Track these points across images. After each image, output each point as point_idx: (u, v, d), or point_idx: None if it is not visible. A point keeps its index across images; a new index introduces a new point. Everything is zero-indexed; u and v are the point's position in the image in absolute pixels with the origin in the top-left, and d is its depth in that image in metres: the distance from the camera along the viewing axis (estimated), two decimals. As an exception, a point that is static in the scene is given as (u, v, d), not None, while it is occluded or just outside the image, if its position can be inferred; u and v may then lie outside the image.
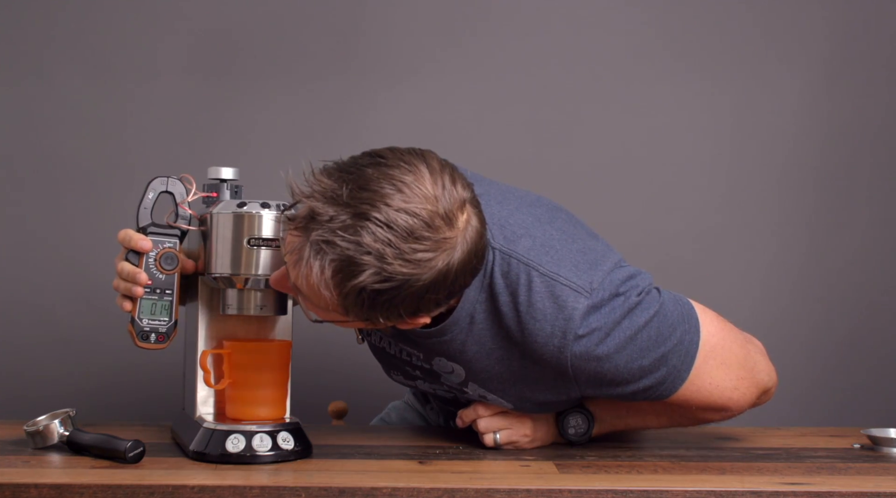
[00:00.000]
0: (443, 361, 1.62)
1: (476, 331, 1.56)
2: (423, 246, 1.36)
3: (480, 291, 1.54)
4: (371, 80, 2.47)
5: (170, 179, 1.62)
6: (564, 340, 1.50)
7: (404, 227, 1.35)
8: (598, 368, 1.53)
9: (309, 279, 1.39)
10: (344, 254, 1.35)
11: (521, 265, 1.52)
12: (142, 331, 1.60)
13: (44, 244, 2.46)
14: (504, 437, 1.68)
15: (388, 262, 1.35)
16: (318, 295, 1.40)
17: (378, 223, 1.35)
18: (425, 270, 1.37)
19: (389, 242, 1.35)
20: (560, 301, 1.50)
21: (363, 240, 1.35)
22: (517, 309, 1.52)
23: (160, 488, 1.38)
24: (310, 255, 1.37)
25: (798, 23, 2.49)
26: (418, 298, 1.40)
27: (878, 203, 2.51)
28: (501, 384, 1.61)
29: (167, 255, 1.60)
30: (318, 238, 1.36)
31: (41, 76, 2.46)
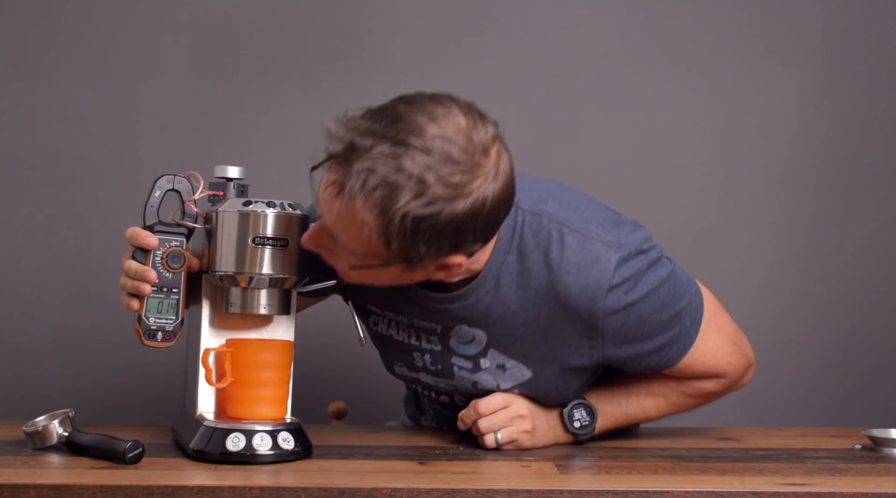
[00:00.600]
0: (463, 329, 1.64)
1: (502, 292, 1.59)
2: (461, 170, 1.41)
3: (508, 253, 1.58)
4: (376, 80, 2.47)
5: (176, 177, 1.62)
6: (599, 290, 1.56)
7: (443, 152, 1.40)
8: (625, 319, 1.59)
9: (351, 210, 1.42)
10: (386, 179, 1.40)
11: (552, 222, 1.58)
12: (148, 329, 1.60)
13: (45, 244, 2.46)
14: (505, 435, 1.67)
15: (430, 185, 1.40)
16: (359, 231, 1.43)
17: (417, 149, 1.40)
18: (464, 194, 1.42)
19: (429, 167, 1.40)
20: (593, 254, 1.57)
21: (404, 165, 1.39)
22: (550, 265, 1.57)
23: (159, 489, 1.38)
24: (353, 183, 1.41)
25: (797, 23, 2.49)
26: (458, 227, 1.43)
27: (878, 203, 2.51)
28: (524, 348, 1.64)
29: (174, 253, 1.60)
30: (360, 168, 1.40)
31: (44, 76, 2.46)
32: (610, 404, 1.74)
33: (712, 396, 1.76)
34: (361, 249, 1.46)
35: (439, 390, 1.79)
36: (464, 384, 1.71)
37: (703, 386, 1.74)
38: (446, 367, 1.71)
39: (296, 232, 1.57)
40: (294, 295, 1.64)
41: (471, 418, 1.69)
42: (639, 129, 2.50)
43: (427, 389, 1.82)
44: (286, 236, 1.56)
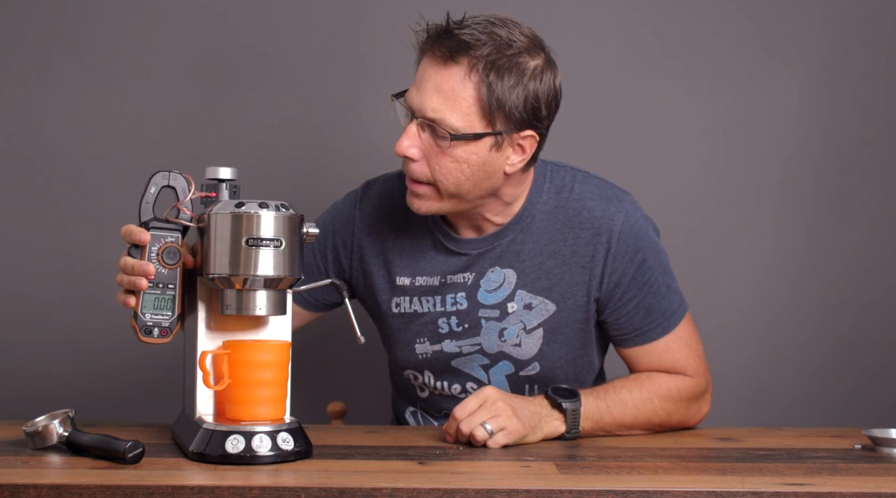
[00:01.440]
0: (495, 273, 1.84)
1: (534, 228, 1.83)
2: (537, 44, 1.75)
3: (541, 193, 1.84)
4: (372, 81, 2.47)
5: (171, 174, 1.62)
6: (618, 214, 1.82)
7: (522, 27, 1.75)
8: (633, 256, 1.82)
9: (458, 72, 1.69)
10: (487, 39, 1.70)
11: (575, 171, 1.88)
12: (145, 325, 1.60)
13: (43, 244, 2.46)
14: (494, 425, 1.68)
15: (518, 43, 1.71)
16: (462, 92, 1.69)
17: (503, 23, 1.72)
18: (542, 65, 1.74)
19: (519, 32, 1.73)
20: (613, 191, 1.86)
21: (497, 31, 1.71)
22: (575, 197, 1.84)
23: (159, 489, 1.38)
24: (458, 45, 1.69)
25: (797, 23, 2.49)
26: (537, 93, 1.72)
27: (877, 203, 2.51)
28: (549, 280, 1.83)
29: (169, 249, 1.60)
30: (462, 33, 1.70)
31: (42, 76, 2.46)
32: (590, 395, 1.79)
33: (679, 402, 1.85)
34: (462, 117, 1.70)
35: (453, 373, 1.87)
36: (490, 337, 1.85)
37: (672, 383, 1.84)
38: (473, 322, 1.85)
39: (290, 232, 1.57)
40: (290, 295, 1.64)
41: (452, 426, 1.71)
42: (638, 129, 2.50)
43: (440, 375, 1.88)
44: (280, 237, 1.56)
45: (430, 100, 1.71)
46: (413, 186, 1.77)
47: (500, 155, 1.74)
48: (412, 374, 1.93)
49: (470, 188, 1.76)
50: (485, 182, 1.76)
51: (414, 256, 1.88)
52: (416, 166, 1.74)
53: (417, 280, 1.87)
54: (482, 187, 1.76)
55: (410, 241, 1.89)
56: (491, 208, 1.82)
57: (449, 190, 1.75)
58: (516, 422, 1.70)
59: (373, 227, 1.91)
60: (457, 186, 1.75)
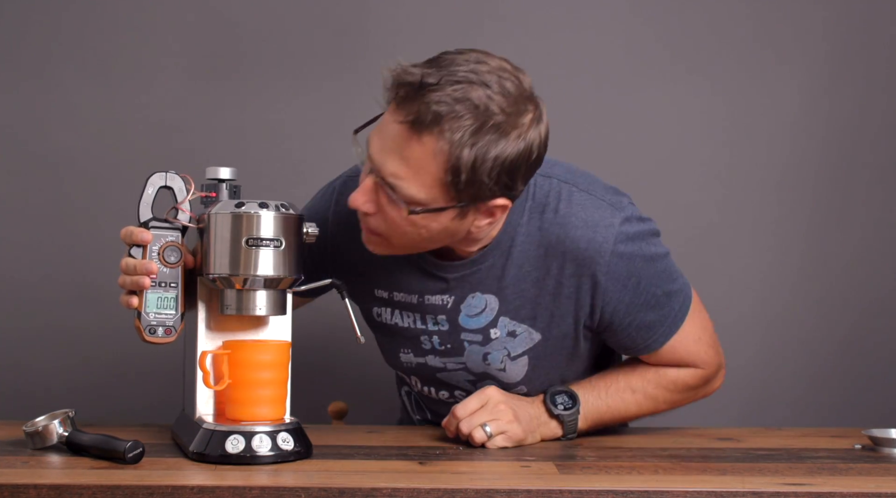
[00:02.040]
0: (476, 298, 1.72)
1: (515, 253, 1.68)
2: (516, 103, 1.53)
3: (522, 215, 1.68)
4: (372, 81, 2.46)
5: (169, 174, 1.62)
6: (605, 243, 1.66)
7: (500, 86, 1.52)
8: (626, 280, 1.68)
9: (421, 145, 1.51)
10: (456, 111, 1.50)
11: (561, 183, 1.69)
12: (149, 325, 1.59)
13: (43, 244, 2.46)
14: (494, 427, 1.68)
15: (494, 114, 1.51)
16: (426, 166, 1.52)
17: (479, 84, 1.51)
18: (519, 127, 1.53)
19: (492, 98, 1.51)
20: (600, 212, 1.67)
21: (471, 96, 1.50)
22: (559, 221, 1.67)
23: (159, 489, 1.38)
24: (426, 116, 1.50)
25: (797, 23, 2.49)
26: (513, 162, 1.53)
27: (877, 203, 2.51)
28: (534, 309, 1.71)
29: (170, 248, 1.60)
30: (432, 99, 1.50)
31: (42, 76, 2.46)
32: (591, 394, 1.77)
33: (687, 392, 1.81)
34: (423, 190, 1.54)
35: (440, 383, 1.81)
36: (474, 359, 1.77)
37: (680, 376, 1.79)
38: (455, 344, 1.76)
39: (290, 232, 1.57)
40: (290, 295, 1.64)
41: (452, 425, 1.70)
42: (639, 129, 2.50)
43: (429, 383, 1.83)
44: (280, 237, 1.56)
45: (390, 163, 1.54)
46: (368, 234, 1.64)
47: (465, 221, 1.60)
48: (402, 375, 1.93)
49: (428, 245, 1.65)
50: (446, 240, 1.64)
51: (390, 270, 1.74)
52: (371, 220, 1.60)
53: (395, 295, 1.77)
54: (443, 243, 1.65)
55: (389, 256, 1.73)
56: (460, 247, 1.69)
57: (403, 246, 1.64)
58: (517, 426, 1.69)
59: (347, 232, 1.73)
60: (414, 246, 1.64)
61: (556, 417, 1.74)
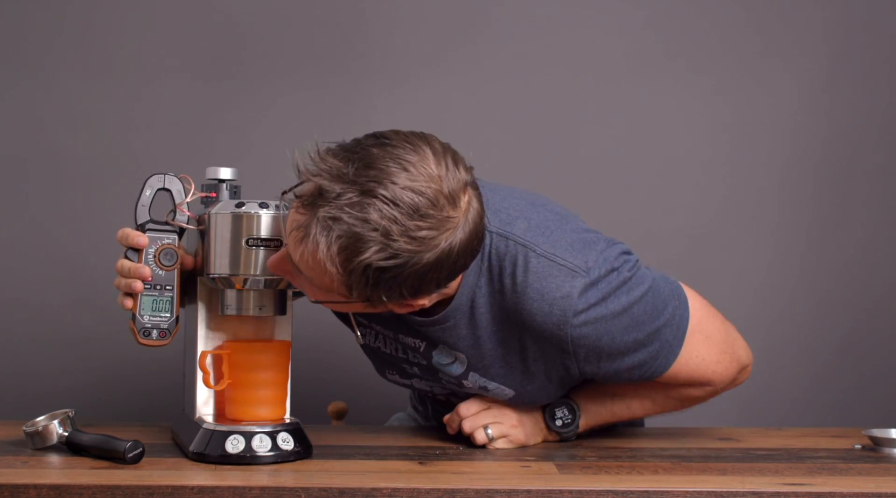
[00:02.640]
0: (444, 351, 1.64)
1: (477, 315, 1.58)
2: (427, 224, 1.38)
3: (479, 276, 1.56)
4: (372, 81, 2.47)
5: (167, 176, 1.61)
6: (564, 317, 1.53)
7: (410, 204, 1.37)
8: (597, 342, 1.56)
9: (314, 256, 1.40)
10: (351, 230, 1.37)
11: (518, 246, 1.55)
12: (143, 327, 1.59)
13: (44, 244, 2.46)
14: (496, 431, 1.68)
15: (394, 238, 1.37)
16: (322, 273, 1.41)
17: (384, 200, 1.37)
18: (429, 248, 1.39)
19: (395, 220, 1.37)
20: (558, 281, 1.53)
21: (370, 216, 1.37)
22: (515, 290, 1.54)
23: (159, 489, 1.38)
24: (316, 231, 1.39)
25: (797, 23, 2.49)
26: (420, 277, 1.41)
27: (877, 203, 2.51)
28: (503, 369, 1.63)
29: (166, 251, 1.59)
30: (326, 214, 1.38)
31: (42, 75, 2.46)
32: (595, 403, 1.75)
33: (700, 400, 1.77)
34: (324, 288, 1.45)
35: (435, 392, 1.81)
36: (457, 391, 1.74)
37: (690, 393, 1.73)
38: (435, 378, 1.73)
39: None
40: (290, 295, 1.64)
41: (455, 422, 1.70)
42: (639, 130, 2.50)
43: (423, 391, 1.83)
44: (280, 237, 1.56)
45: (293, 249, 1.44)
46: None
47: (382, 308, 1.48)
48: None
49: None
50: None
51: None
52: (294, 282, 1.53)
53: (374, 325, 1.72)
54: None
55: None
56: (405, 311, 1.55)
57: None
58: (519, 431, 1.70)
59: None
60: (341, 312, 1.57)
61: (553, 431, 1.74)
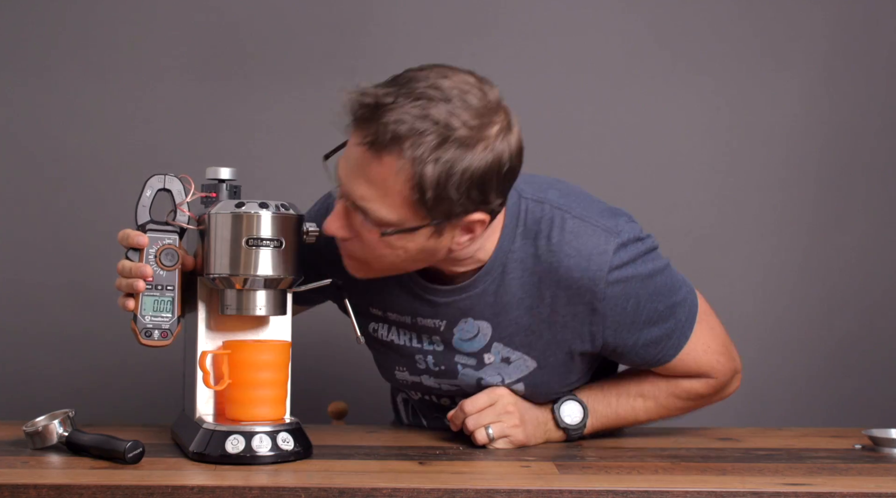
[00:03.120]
0: (468, 324, 1.68)
1: (507, 280, 1.64)
2: (480, 116, 1.50)
3: (513, 241, 1.64)
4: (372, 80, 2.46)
5: (167, 177, 1.62)
6: (600, 272, 1.62)
7: (462, 100, 1.49)
8: (624, 304, 1.64)
9: (383, 166, 1.48)
10: (416, 127, 1.47)
11: (553, 210, 1.64)
12: (145, 328, 1.59)
13: (44, 244, 2.46)
14: (496, 430, 1.67)
15: (456, 129, 1.48)
16: (392, 187, 1.49)
17: (439, 100, 1.48)
18: (486, 139, 1.50)
19: (453, 113, 1.48)
20: (594, 239, 1.63)
21: (430, 113, 1.47)
22: (552, 249, 1.62)
23: (160, 489, 1.38)
24: (385, 136, 1.47)
25: (797, 23, 2.49)
26: (483, 178, 1.50)
27: (878, 203, 2.51)
28: (528, 337, 1.67)
29: (167, 251, 1.60)
30: (389, 119, 1.47)
31: (42, 75, 2.46)
32: (601, 403, 1.76)
33: (700, 400, 1.79)
34: (393, 210, 1.51)
35: (441, 393, 1.80)
36: (468, 382, 1.73)
37: (692, 386, 1.77)
38: (450, 366, 1.73)
39: (290, 232, 1.57)
40: (290, 295, 1.64)
41: (459, 418, 1.70)
42: (639, 130, 2.50)
43: (428, 393, 1.82)
44: (280, 237, 1.56)
45: (357, 187, 1.52)
46: (346, 258, 1.62)
47: (443, 238, 1.56)
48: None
49: (411, 266, 1.61)
50: (429, 260, 1.60)
51: (382, 290, 1.70)
52: (348, 245, 1.59)
53: (389, 314, 1.74)
54: (425, 262, 1.61)
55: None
56: (448, 266, 1.64)
57: (386, 269, 1.60)
58: (520, 432, 1.69)
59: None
60: (395, 268, 1.60)
61: (562, 428, 1.73)
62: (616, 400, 1.76)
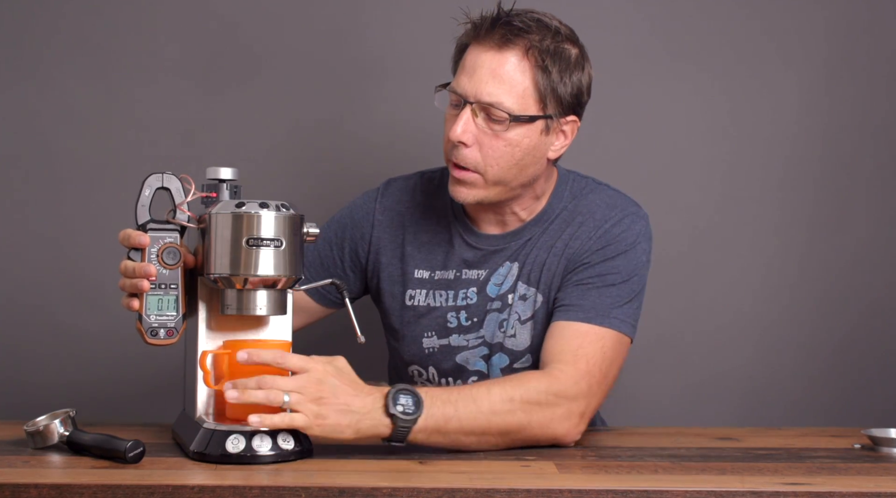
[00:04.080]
0: (504, 267, 1.88)
1: (549, 228, 1.88)
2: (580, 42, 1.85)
3: (560, 198, 1.90)
4: (372, 80, 2.47)
5: (165, 175, 1.62)
6: (614, 217, 1.86)
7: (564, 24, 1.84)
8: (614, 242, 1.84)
9: (510, 62, 1.76)
10: (531, 26, 1.78)
11: (595, 183, 1.93)
12: (150, 327, 1.60)
13: (44, 244, 2.46)
14: (293, 400, 1.53)
15: (565, 32, 1.82)
16: (516, 78, 1.76)
17: (546, 16, 1.82)
18: (586, 57, 1.85)
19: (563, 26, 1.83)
20: (628, 203, 1.90)
21: (545, 21, 1.80)
22: (583, 202, 1.88)
23: (160, 488, 1.38)
24: (510, 35, 1.76)
25: (798, 22, 2.49)
26: (581, 81, 1.82)
27: (878, 203, 2.51)
28: (540, 272, 1.86)
29: (169, 249, 1.60)
30: (515, 20, 1.78)
31: (41, 76, 2.45)
32: (440, 399, 1.61)
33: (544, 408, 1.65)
34: (517, 100, 1.76)
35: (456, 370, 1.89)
36: (491, 329, 1.87)
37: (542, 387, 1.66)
38: (480, 316, 1.88)
39: (290, 232, 1.58)
40: (290, 295, 1.64)
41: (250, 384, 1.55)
42: (639, 129, 2.50)
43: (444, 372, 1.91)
44: (280, 237, 1.56)
45: (485, 84, 1.75)
46: (459, 173, 1.80)
47: (548, 139, 1.81)
48: (417, 370, 1.93)
49: (516, 174, 1.80)
50: (530, 167, 1.81)
51: (432, 251, 1.92)
52: (469, 152, 1.77)
53: (435, 274, 1.91)
54: (526, 174, 1.82)
55: (429, 235, 1.93)
56: (522, 201, 1.87)
57: (496, 176, 1.79)
58: (313, 407, 1.54)
59: (393, 221, 1.95)
60: (504, 172, 1.79)
61: (391, 416, 1.57)
62: (458, 393, 1.63)
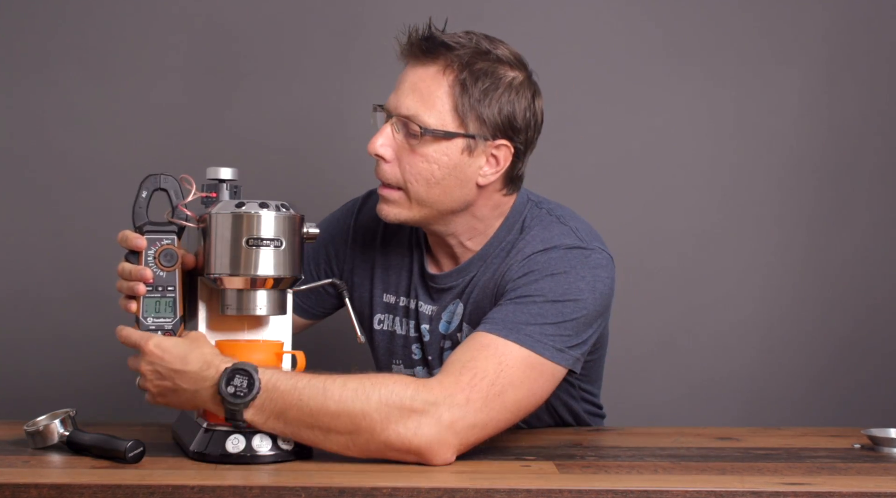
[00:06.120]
0: (454, 304, 1.80)
1: (490, 265, 1.77)
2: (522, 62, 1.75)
3: (508, 231, 1.78)
4: (371, 80, 2.47)
5: (162, 176, 1.62)
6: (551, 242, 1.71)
7: (505, 47, 1.74)
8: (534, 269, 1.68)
9: (430, 74, 1.69)
10: (463, 41, 1.71)
11: (546, 214, 1.78)
12: (147, 330, 1.59)
13: (44, 244, 2.46)
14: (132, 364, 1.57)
15: (499, 52, 1.72)
16: (435, 91, 1.68)
17: (488, 38, 1.73)
18: (525, 77, 1.73)
19: (497, 43, 1.73)
20: (561, 235, 1.73)
21: (476, 38, 1.72)
22: (523, 239, 1.74)
23: (160, 488, 1.38)
24: (432, 46, 1.70)
25: (798, 22, 2.49)
26: (514, 103, 1.70)
27: (878, 203, 2.51)
28: (479, 315, 1.73)
29: (166, 251, 1.60)
30: (438, 36, 1.71)
31: (41, 76, 2.46)
32: (286, 378, 1.52)
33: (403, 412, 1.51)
34: (435, 115, 1.68)
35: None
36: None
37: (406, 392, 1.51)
38: (436, 354, 1.81)
39: (290, 232, 1.58)
40: (290, 295, 1.64)
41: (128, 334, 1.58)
42: (640, 129, 2.50)
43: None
44: (280, 237, 1.56)
45: (405, 98, 1.70)
46: (382, 191, 1.73)
47: (473, 161, 1.70)
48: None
49: (439, 194, 1.71)
50: (456, 191, 1.71)
51: (398, 274, 1.86)
52: (388, 168, 1.72)
53: (400, 300, 1.85)
54: (452, 197, 1.72)
55: (397, 258, 1.87)
56: (464, 230, 1.77)
57: (417, 194, 1.71)
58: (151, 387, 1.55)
59: (365, 240, 1.89)
60: (425, 190, 1.70)
61: (220, 396, 1.50)
62: (308, 381, 1.53)
